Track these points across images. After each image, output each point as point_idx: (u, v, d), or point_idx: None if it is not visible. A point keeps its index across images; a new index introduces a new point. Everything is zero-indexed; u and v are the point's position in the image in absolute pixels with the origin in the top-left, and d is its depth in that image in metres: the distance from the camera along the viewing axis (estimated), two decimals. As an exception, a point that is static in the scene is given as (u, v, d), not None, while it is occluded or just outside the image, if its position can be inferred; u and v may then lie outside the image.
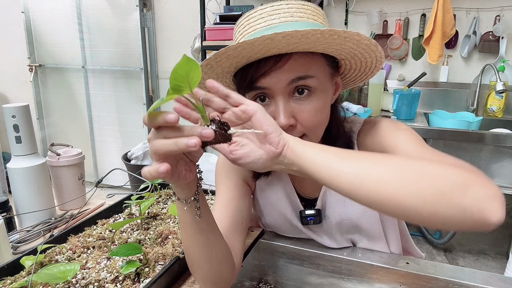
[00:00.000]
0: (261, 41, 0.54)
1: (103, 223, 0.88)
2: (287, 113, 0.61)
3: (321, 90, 0.64)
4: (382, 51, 0.65)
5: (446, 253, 2.34)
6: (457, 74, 2.24)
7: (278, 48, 0.57)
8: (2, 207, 0.95)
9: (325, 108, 0.66)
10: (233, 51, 0.58)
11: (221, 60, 0.61)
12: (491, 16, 2.09)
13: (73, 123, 3.23)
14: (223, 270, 0.65)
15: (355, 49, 0.63)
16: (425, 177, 0.46)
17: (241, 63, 0.63)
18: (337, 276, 0.81)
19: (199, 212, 0.56)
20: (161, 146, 0.44)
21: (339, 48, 0.62)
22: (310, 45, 0.58)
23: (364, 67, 0.71)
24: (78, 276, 0.67)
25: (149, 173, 0.44)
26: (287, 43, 0.56)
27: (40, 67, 3.19)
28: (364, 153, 0.52)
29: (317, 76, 0.63)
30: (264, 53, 0.59)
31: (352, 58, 0.67)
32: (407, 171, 0.47)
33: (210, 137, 0.43)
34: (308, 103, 0.63)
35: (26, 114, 1.00)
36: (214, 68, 0.65)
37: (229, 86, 0.75)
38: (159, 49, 2.85)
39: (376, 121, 0.75)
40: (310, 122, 0.63)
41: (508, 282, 0.71)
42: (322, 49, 0.61)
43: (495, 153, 1.69)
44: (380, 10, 2.24)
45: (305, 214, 0.81)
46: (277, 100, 0.62)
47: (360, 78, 0.77)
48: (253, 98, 0.64)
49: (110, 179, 1.19)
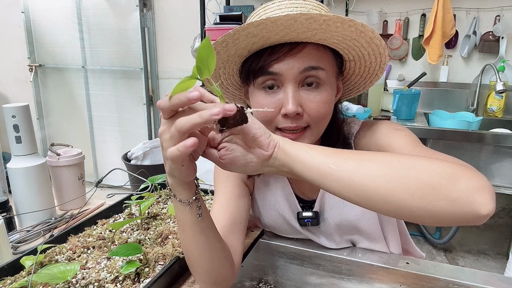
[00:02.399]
0: (284, 20, 0.55)
1: (103, 223, 0.88)
2: (296, 101, 0.62)
3: (329, 84, 0.66)
4: (387, 56, 0.66)
5: (446, 253, 2.34)
6: (457, 74, 2.24)
7: (297, 33, 0.59)
8: (2, 207, 0.94)
9: (331, 103, 0.67)
10: (254, 28, 0.58)
11: (239, 37, 0.61)
12: (491, 16, 2.09)
13: (73, 123, 3.23)
14: (224, 270, 0.65)
15: (365, 48, 0.65)
16: (412, 171, 0.46)
17: (257, 45, 0.63)
18: (337, 276, 0.81)
19: (201, 212, 0.56)
20: (186, 121, 0.43)
21: (352, 44, 0.64)
22: (328, 35, 0.60)
23: (366, 73, 0.72)
24: (78, 276, 0.67)
25: (178, 149, 0.43)
26: (308, 28, 0.57)
27: (40, 67, 3.19)
28: (352, 151, 0.52)
29: (327, 70, 0.64)
30: (282, 36, 0.60)
31: (358, 60, 0.69)
32: (394, 166, 0.47)
33: (232, 110, 0.42)
34: (317, 94, 0.64)
35: (26, 114, 1.00)
36: (229, 47, 0.64)
37: (233, 77, 0.76)
38: (159, 49, 2.85)
39: (374, 123, 0.75)
40: (317, 113, 0.64)
41: (508, 282, 0.71)
42: (337, 42, 0.63)
43: (495, 153, 1.68)
44: (380, 10, 2.24)
45: (303, 216, 0.81)
46: (287, 87, 0.63)
47: (357, 88, 0.78)
48: (261, 84, 0.65)
49: (110, 179, 1.19)
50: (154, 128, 3.01)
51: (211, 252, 0.61)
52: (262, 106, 0.65)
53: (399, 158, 0.48)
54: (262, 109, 0.49)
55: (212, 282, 0.65)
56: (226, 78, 0.76)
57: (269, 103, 0.65)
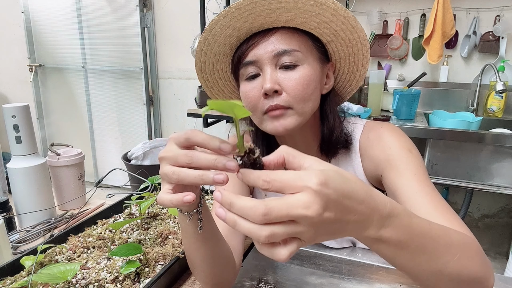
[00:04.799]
0: (246, 4, 0.61)
1: (103, 223, 0.88)
2: (273, 79, 0.64)
3: (308, 65, 0.67)
4: (362, 29, 0.68)
5: (446, 253, 2.34)
6: (457, 74, 2.23)
7: (263, 17, 0.63)
8: (2, 207, 0.94)
9: (311, 82, 0.67)
10: (224, 19, 0.64)
11: (215, 32, 0.66)
12: (491, 16, 2.09)
13: (73, 123, 3.23)
14: (225, 273, 0.65)
15: (335, 23, 0.66)
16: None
17: (233, 37, 0.67)
18: (337, 276, 0.81)
19: (201, 225, 0.54)
20: (185, 176, 0.42)
21: (320, 21, 0.65)
22: (292, 13, 0.63)
23: (352, 55, 0.72)
24: (78, 276, 0.67)
25: (171, 201, 0.43)
26: (269, 8, 0.62)
27: (40, 67, 3.19)
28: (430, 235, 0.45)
29: (302, 52, 0.66)
30: (251, 24, 0.65)
31: (336, 39, 0.70)
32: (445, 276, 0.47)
33: (234, 170, 0.39)
34: (294, 73, 0.66)
35: (26, 114, 1.00)
36: (211, 44, 0.69)
37: (230, 82, 0.78)
38: (159, 49, 2.85)
39: (379, 129, 0.75)
40: (296, 91, 0.65)
41: (508, 282, 0.71)
42: (304, 21, 0.65)
43: (495, 153, 1.68)
44: (380, 10, 2.23)
45: None
46: (264, 69, 0.66)
47: (354, 77, 0.78)
48: (245, 76, 0.68)
49: (110, 179, 1.19)
50: (154, 128, 3.01)
51: (213, 258, 0.61)
52: (246, 93, 0.68)
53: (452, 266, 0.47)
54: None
55: (213, 283, 0.65)
56: (224, 84, 0.78)
57: (251, 88, 0.67)
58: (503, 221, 2.28)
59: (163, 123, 3.02)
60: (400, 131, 0.74)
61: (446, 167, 1.77)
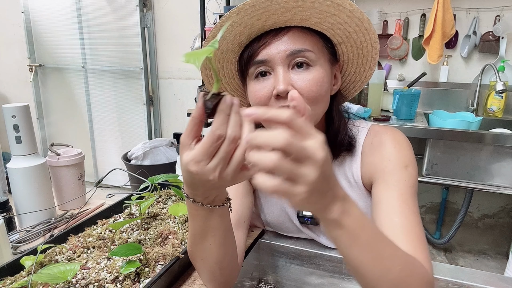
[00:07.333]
0: (261, 2, 0.59)
1: (103, 223, 0.88)
2: (286, 80, 0.63)
3: (321, 66, 0.66)
4: (375, 31, 0.68)
5: (446, 253, 2.34)
6: (457, 74, 2.23)
7: (277, 15, 0.61)
8: (2, 207, 0.94)
9: (323, 84, 0.66)
10: (236, 16, 0.61)
11: (226, 28, 0.64)
12: (491, 16, 2.09)
13: (73, 123, 3.23)
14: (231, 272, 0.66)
15: (349, 25, 0.65)
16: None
17: (244, 35, 0.65)
18: (337, 276, 0.81)
19: (230, 205, 0.57)
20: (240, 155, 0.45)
21: (334, 21, 0.64)
22: (307, 13, 0.62)
23: (361, 57, 0.72)
24: (78, 276, 0.67)
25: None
26: (285, 7, 0.60)
27: (40, 67, 3.19)
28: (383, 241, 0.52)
29: (315, 52, 0.65)
30: (264, 21, 0.63)
31: (347, 40, 0.69)
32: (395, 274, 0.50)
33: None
34: (307, 74, 0.64)
35: (26, 114, 1.00)
36: (220, 41, 0.66)
37: (234, 80, 0.77)
38: (159, 49, 2.85)
39: (382, 136, 0.75)
40: (309, 92, 0.64)
41: (508, 282, 0.71)
42: (318, 21, 0.64)
43: (495, 153, 1.68)
44: (380, 10, 2.23)
45: (302, 214, 0.81)
46: (276, 70, 0.64)
47: (359, 78, 0.78)
48: (254, 74, 0.67)
49: (110, 179, 1.19)
50: (154, 128, 3.01)
51: (225, 255, 0.61)
52: (256, 93, 0.66)
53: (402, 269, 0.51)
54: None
55: (218, 283, 0.65)
56: (228, 82, 0.77)
57: (261, 88, 0.66)
58: (503, 221, 2.28)
59: (163, 123, 3.02)
60: (403, 140, 0.74)
61: (446, 167, 1.77)
